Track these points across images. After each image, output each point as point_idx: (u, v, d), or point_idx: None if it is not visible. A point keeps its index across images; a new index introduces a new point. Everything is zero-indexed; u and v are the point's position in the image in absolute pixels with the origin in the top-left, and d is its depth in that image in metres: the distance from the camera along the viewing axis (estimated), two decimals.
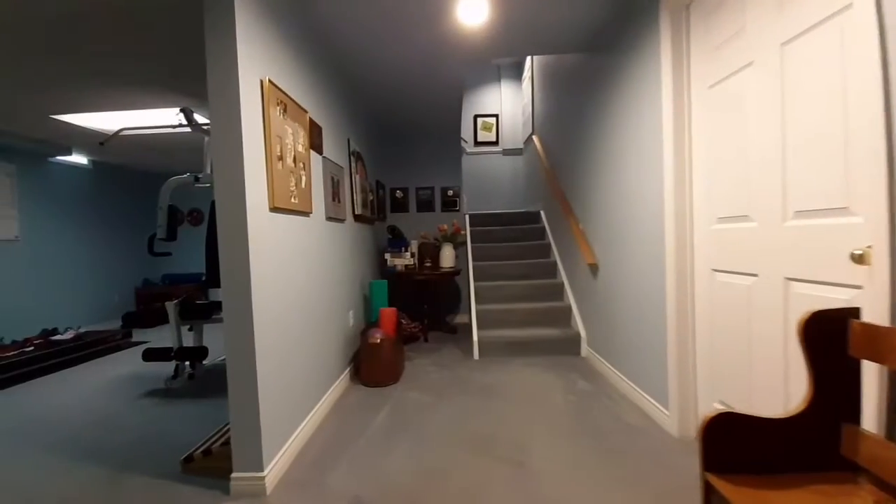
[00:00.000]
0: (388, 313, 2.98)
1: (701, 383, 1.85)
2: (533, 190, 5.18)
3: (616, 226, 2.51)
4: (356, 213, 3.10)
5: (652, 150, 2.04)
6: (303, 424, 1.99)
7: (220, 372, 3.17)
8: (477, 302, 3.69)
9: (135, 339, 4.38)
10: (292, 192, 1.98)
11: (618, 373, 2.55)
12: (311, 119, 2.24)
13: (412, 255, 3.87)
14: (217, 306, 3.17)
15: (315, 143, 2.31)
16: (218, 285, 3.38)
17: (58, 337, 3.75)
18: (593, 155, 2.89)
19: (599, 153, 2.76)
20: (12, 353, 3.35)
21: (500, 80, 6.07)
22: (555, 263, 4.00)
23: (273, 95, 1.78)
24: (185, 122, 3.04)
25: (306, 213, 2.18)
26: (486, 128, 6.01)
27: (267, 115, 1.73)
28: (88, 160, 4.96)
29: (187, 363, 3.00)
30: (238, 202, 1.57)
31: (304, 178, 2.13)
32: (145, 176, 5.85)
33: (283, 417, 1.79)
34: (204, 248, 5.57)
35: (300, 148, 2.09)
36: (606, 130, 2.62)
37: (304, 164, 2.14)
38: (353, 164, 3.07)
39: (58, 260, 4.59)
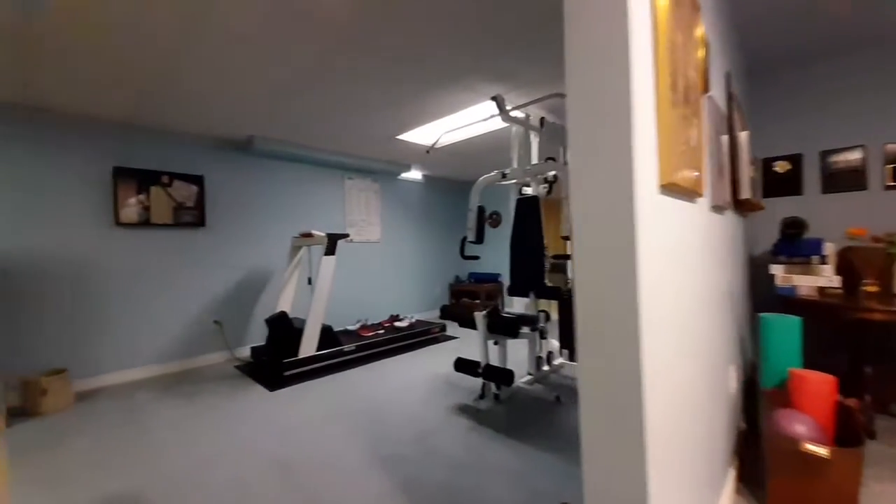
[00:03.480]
0: (814, 384, 1.56)
1: None
2: None
3: None
4: (739, 196, 1.82)
5: None
6: None
7: (523, 398, 2.68)
8: None
9: (448, 332, 4.74)
10: (683, 156, 1.03)
11: None
12: (704, 27, 1.22)
13: (834, 270, 2.15)
14: (526, 321, 2.68)
15: (706, 70, 1.27)
16: (521, 293, 2.91)
17: (398, 324, 4.42)
18: None
19: None
20: (371, 333, 4.11)
21: None
22: None
23: None
24: (496, 111, 2.70)
25: (694, 196, 1.18)
26: None
27: (657, 10, 0.84)
28: (422, 175, 5.89)
29: (493, 384, 2.65)
30: (618, 177, 0.76)
31: (694, 132, 1.14)
32: (456, 184, 6.53)
33: None
34: (494, 249, 5.48)
35: (692, 74, 1.11)
36: None
37: (695, 106, 1.15)
38: (733, 116, 1.82)
39: (402, 258, 5.64)
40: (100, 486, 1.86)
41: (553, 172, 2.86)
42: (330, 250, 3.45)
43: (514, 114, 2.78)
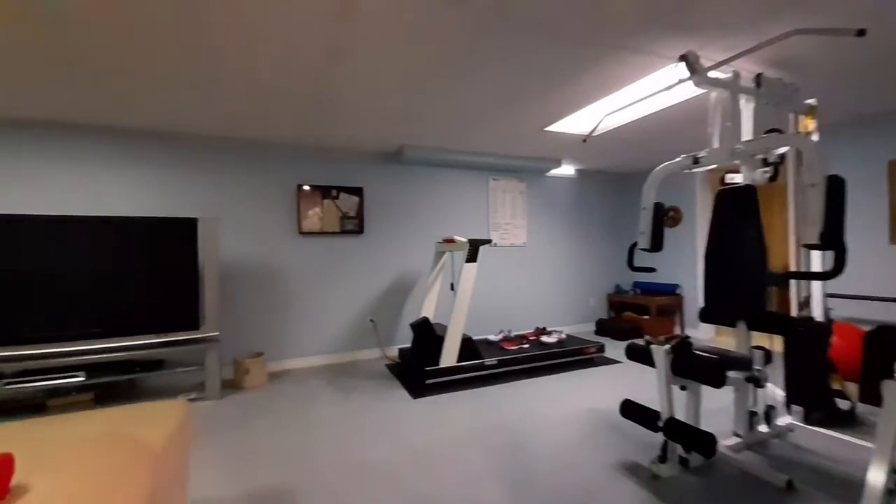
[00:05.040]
0: None
1: None
2: None
3: None
4: None
5: None
6: None
7: (726, 470, 1.88)
8: None
9: (608, 353, 4.00)
10: None
11: None
12: None
13: None
14: (734, 363, 1.89)
15: None
16: (722, 320, 2.08)
17: (545, 338, 3.93)
18: None
19: None
20: (514, 347, 3.74)
21: None
22: None
23: None
24: (685, 74, 2.00)
25: None
26: None
27: None
28: (574, 170, 5.23)
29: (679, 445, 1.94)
30: None
31: None
32: (617, 177, 5.59)
33: None
34: (671, 254, 4.36)
35: None
36: None
37: None
38: None
39: (551, 264, 5.10)
40: (260, 473, 2.01)
41: (783, 149, 1.95)
42: (471, 257, 3.23)
43: (713, 74, 2.01)
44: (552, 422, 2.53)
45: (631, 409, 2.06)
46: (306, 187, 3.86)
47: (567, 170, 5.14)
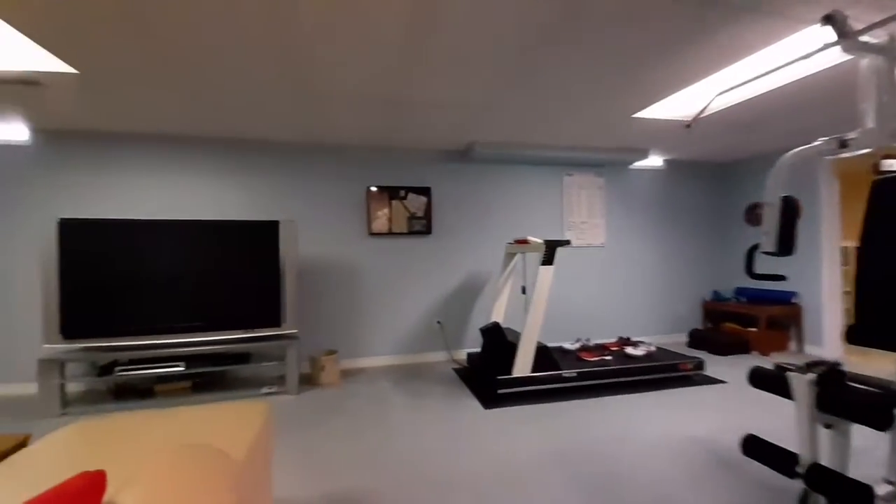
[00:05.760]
0: None
1: None
2: None
3: None
4: None
5: None
6: None
7: None
8: None
9: (708, 371, 3.48)
10: None
11: None
12: None
13: None
14: None
15: None
16: (886, 343, 1.62)
17: (631, 350, 3.53)
18: None
19: None
20: (595, 358, 3.40)
21: None
22: None
23: None
24: (832, 39, 1.60)
25: None
26: None
27: None
28: (663, 161, 4.68)
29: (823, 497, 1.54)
30: None
31: None
32: (716, 167, 4.90)
33: None
34: (797, 256, 3.64)
35: None
36: None
37: None
38: None
39: (634, 266, 4.62)
40: (338, 476, 1.99)
41: None
42: (548, 259, 2.98)
43: (864, 39, 1.57)
44: (646, 450, 2.21)
45: (758, 448, 1.69)
46: (375, 188, 3.89)
47: (654, 161, 4.61)
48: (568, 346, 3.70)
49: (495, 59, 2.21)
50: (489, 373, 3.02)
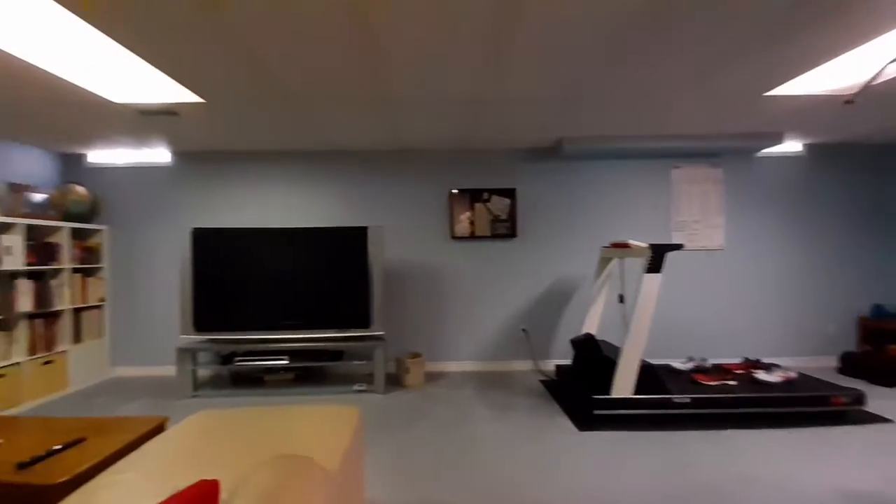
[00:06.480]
0: None
1: None
2: None
3: None
4: None
5: None
6: None
7: None
8: None
9: (869, 407, 2.76)
10: None
11: None
12: None
13: None
14: None
15: None
16: None
17: (762, 375, 2.94)
18: None
19: None
20: (714, 382, 2.91)
21: None
22: None
23: None
24: None
25: None
26: None
27: None
28: (803, 145, 3.86)
29: None
30: None
31: None
32: (880, 150, 3.89)
33: None
34: None
35: None
36: None
37: None
38: None
39: (760, 273, 3.90)
40: (426, 486, 1.94)
41: None
42: (654, 266, 2.61)
43: None
44: (782, 501, 1.78)
45: None
46: (457, 191, 3.83)
47: (790, 146, 3.82)
48: (678, 365, 3.22)
49: (591, 46, 1.96)
50: (583, 390, 2.76)
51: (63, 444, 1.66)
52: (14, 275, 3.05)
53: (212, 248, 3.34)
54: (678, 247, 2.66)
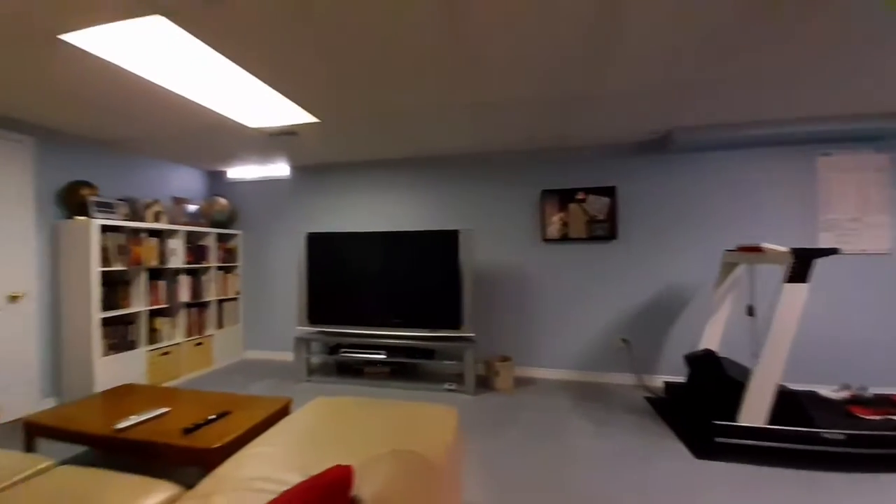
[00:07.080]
0: None
1: None
2: None
3: None
4: None
5: None
6: None
7: None
8: None
9: None
10: None
11: None
12: None
13: None
14: None
15: None
16: None
17: None
18: None
19: None
20: (876, 417, 2.35)
21: None
22: None
23: None
24: None
25: None
26: None
27: None
28: None
29: None
30: None
31: None
32: None
33: None
34: None
35: None
36: None
37: None
38: None
39: None
40: (520, 496, 1.90)
41: None
42: (799, 275, 2.19)
43: None
44: None
45: None
46: (549, 192, 3.69)
47: None
48: (828, 393, 2.67)
49: (715, 22, 1.72)
50: (701, 413, 2.44)
51: (216, 414, 1.98)
52: (177, 271, 3.75)
53: (323, 250, 3.71)
54: (833, 251, 2.20)
